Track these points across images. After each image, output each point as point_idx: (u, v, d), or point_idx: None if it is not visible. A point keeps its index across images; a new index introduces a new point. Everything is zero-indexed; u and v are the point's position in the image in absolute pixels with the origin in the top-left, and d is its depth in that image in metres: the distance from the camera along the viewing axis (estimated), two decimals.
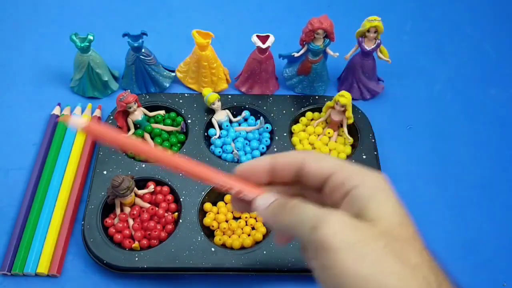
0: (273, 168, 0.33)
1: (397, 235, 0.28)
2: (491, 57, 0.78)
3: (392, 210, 0.29)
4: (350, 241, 0.27)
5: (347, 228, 0.28)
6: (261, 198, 0.33)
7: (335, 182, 0.31)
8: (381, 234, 0.28)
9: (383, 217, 0.29)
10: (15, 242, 0.55)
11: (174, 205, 0.58)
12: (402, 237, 0.28)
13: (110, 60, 0.69)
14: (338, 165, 0.31)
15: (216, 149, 0.63)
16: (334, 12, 0.63)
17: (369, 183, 0.30)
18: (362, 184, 0.30)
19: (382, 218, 0.29)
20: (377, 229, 0.28)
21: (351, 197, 0.30)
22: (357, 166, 0.31)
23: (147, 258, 0.53)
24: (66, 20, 0.79)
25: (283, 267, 0.53)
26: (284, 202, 0.31)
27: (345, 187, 0.30)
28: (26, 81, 0.71)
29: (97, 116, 0.66)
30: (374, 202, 0.29)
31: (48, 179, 0.59)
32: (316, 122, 0.65)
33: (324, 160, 0.32)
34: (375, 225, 0.28)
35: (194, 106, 0.66)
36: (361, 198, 0.30)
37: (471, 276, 0.56)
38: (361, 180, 0.30)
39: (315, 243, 0.28)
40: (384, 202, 0.29)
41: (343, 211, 0.30)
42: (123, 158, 0.61)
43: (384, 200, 0.30)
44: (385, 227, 0.28)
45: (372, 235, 0.28)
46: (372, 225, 0.28)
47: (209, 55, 0.65)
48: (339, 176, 0.31)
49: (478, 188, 0.63)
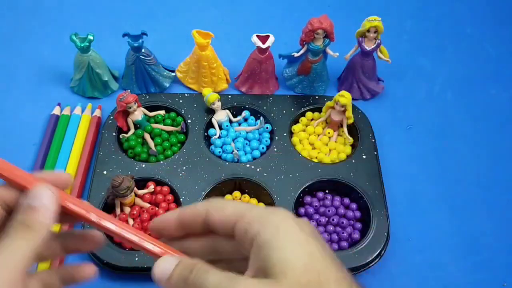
0: (181, 221, 0.32)
1: (305, 282, 0.27)
2: (491, 57, 0.78)
3: (295, 253, 0.28)
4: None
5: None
6: (159, 264, 0.31)
7: (239, 231, 0.30)
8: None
9: (288, 266, 0.27)
10: None
11: (174, 205, 0.58)
12: (311, 282, 0.27)
13: (110, 60, 0.69)
14: (239, 212, 0.30)
15: (216, 149, 0.63)
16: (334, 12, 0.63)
17: (269, 227, 0.29)
18: (263, 230, 0.28)
19: (287, 267, 0.27)
20: (284, 285, 0.27)
21: (255, 247, 0.29)
22: (261, 208, 0.30)
23: (147, 258, 0.53)
24: (66, 20, 0.79)
25: None
26: (185, 273, 0.29)
27: (248, 236, 0.29)
28: (26, 81, 0.71)
29: (97, 116, 0.66)
30: (275, 249, 0.28)
31: None
32: (316, 122, 0.65)
33: (226, 208, 0.31)
34: (280, 281, 0.27)
35: (194, 106, 0.66)
36: (263, 246, 0.28)
37: (471, 276, 0.56)
38: (261, 225, 0.29)
39: None
40: (286, 247, 0.28)
41: (252, 266, 0.29)
42: (123, 158, 0.61)
43: (285, 244, 0.28)
44: (292, 277, 0.27)
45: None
46: (277, 282, 0.27)
47: (209, 55, 0.65)
48: (242, 224, 0.30)
49: (478, 188, 0.63)
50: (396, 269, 0.56)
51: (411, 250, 0.57)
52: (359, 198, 0.58)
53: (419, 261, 0.57)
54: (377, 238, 0.55)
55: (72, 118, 0.65)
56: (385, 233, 0.55)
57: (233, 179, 0.60)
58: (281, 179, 0.59)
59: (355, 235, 0.56)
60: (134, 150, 0.62)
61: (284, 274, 0.27)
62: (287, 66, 0.70)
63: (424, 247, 0.58)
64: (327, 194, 0.60)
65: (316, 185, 0.59)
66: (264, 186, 0.58)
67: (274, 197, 0.57)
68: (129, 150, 0.62)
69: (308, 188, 0.59)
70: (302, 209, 0.58)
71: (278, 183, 0.59)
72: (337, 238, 0.56)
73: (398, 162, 0.64)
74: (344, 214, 0.58)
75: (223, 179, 0.59)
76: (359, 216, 0.58)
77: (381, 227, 0.56)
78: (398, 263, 0.56)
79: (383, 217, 0.56)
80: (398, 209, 0.60)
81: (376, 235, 0.55)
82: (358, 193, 0.58)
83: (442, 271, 0.56)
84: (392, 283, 0.55)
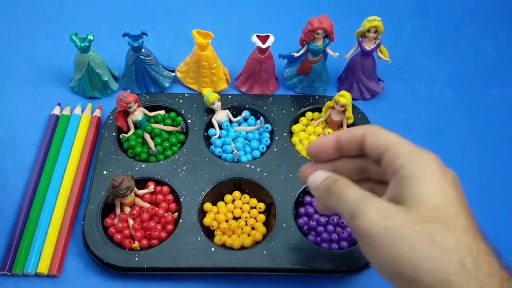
0: (338, 143, 0.37)
1: (434, 218, 0.29)
2: (491, 57, 0.78)
3: (432, 192, 0.30)
4: (384, 229, 0.29)
5: (381, 217, 0.30)
6: (313, 176, 0.37)
7: (387, 160, 0.33)
8: (416, 219, 0.29)
9: (422, 200, 0.30)
10: (15, 242, 0.55)
11: (174, 205, 0.58)
12: (439, 220, 0.29)
13: (110, 60, 0.69)
14: (392, 142, 0.33)
15: (216, 149, 0.63)
16: (334, 12, 0.63)
17: (416, 164, 0.31)
18: (409, 165, 0.31)
19: (420, 201, 0.30)
20: (413, 214, 0.29)
21: (396, 178, 0.32)
22: (411, 145, 0.33)
23: (147, 258, 0.53)
24: (66, 20, 0.79)
25: (283, 267, 0.53)
26: (330, 185, 0.34)
27: (394, 166, 0.32)
28: (26, 81, 0.71)
29: (97, 116, 0.66)
30: (415, 184, 0.30)
31: (48, 179, 0.59)
32: (316, 122, 0.65)
33: (381, 135, 0.34)
34: (411, 210, 0.30)
35: (194, 106, 0.66)
36: (405, 179, 0.31)
37: None
38: (409, 160, 0.32)
39: (354, 230, 0.31)
40: (424, 184, 0.30)
41: (389, 193, 0.32)
42: (123, 158, 0.61)
43: (425, 182, 0.30)
44: (422, 211, 0.29)
45: (407, 221, 0.29)
46: (408, 210, 0.30)
47: (209, 55, 0.65)
48: (391, 154, 0.33)
49: (478, 188, 0.63)
50: None
51: None
52: None
53: None
54: None
55: (72, 118, 0.65)
56: None
57: (233, 179, 0.60)
58: (281, 179, 0.59)
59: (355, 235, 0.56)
60: (134, 150, 0.62)
61: (415, 206, 0.30)
62: (287, 66, 0.70)
63: None
64: None
65: None
66: (264, 186, 0.58)
67: (274, 197, 0.57)
68: (129, 150, 0.62)
69: (308, 188, 0.59)
70: (302, 209, 0.58)
71: (278, 183, 0.59)
72: (337, 238, 0.56)
73: None
74: None
75: (223, 179, 0.59)
76: None
77: None
78: None
79: None
80: None
81: None
82: None
83: None
84: None
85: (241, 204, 0.59)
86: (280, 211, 0.56)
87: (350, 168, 0.38)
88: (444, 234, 0.28)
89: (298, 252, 0.54)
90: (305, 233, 0.57)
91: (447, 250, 0.28)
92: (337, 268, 0.53)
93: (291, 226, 0.55)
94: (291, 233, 0.55)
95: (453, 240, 0.28)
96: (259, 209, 0.59)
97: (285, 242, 0.54)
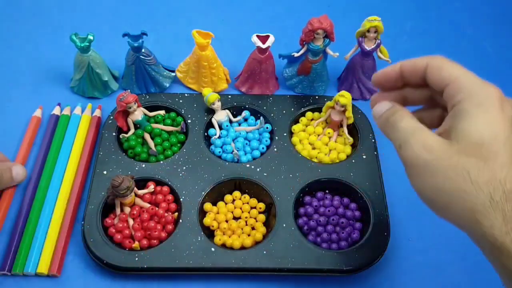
0: (402, 73, 0.38)
1: (473, 152, 0.32)
2: (491, 57, 0.78)
3: (479, 128, 0.32)
4: (424, 161, 0.33)
5: (424, 150, 0.33)
6: (377, 106, 0.39)
7: (448, 93, 0.34)
8: (456, 152, 0.32)
9: (466, 135, 0.32)
10: (15, 242, 0.55)
11: (174, 205, 0.58)
12: (478, 155, 0.31)
13: (110, 60, 0.69)
14: (454, 75, 0.34)
15: (216, 149, 0.63)
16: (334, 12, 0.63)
17: (474, 100, 0.33)
18: (467, 99, 0.33)
19: (465, 135, 0.32)
20: (455, 147, 0.32)
21: (453, 111, 0.34)
22: (473, 78, 0.34)
23: (147, 258, 0.53)
24: (66, 20, 0.79)
25: (283, 267, 0.53)
26: (389, 115, 0.37)
27: (453, 100, 0.34)
28: (26, 81, 0.71)
29: (97, 116, 0.66)
30: (467, 120, 0.33)
31: (48, 179, 0.59)
32: (316, 122, 0.65)
33: (444, 68, 0.35)
34: (453, 144, 0.33)
35: (194, 106, 0.66)
36: (459, 114, 0.33)
37: (472, 277, 0.56)
38: (468, 95, 0.33)
39: (401, 159, 0.36)
40: (477, 120, 0.32)
41: (443, 125, 0.35)
42: (123, 158, 0.61)
43: (478, 118, 0.32)
44: (464, 145, 0.32)
45: (447, 154, 0.32)
46: (451, 144, 0.33)
47: (209, 55, 0.65)
48: (452, 88, 0.34)
49: None
50: (396, 269, 0.56)
51: (411, 250, 0.57)
52: (359, 198, 0.58)
53: (419, 261, 0.57)
54: (377, 238, 0.55)
55: (72, 118, 0.65)
56: (385, 233, 0.55)
57: (233, 179, 0.60)
58: (281, 179, 0.59)
59: (355, 235, 0.56)
60: (134, 150, 0.62)
61: (458, 140, 0.33)
62: (287, 66, 0.70)
63: (424, 247, 0.58)
64: (327, 194, 0.60)
65: (316, 185, 0.59)
66: (264, 186, 0.59)
67: (274, 197, 0.58)
68: (129, 150, 0.62)
69: (308, 188, 0.59)
70: (302, 209, 0.58)
71: (278, 183, 0.59)
72: (337, 238, 0.56)
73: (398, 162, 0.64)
74: (343, 214, 0.58)
75: (223, 179, 0.59)
76: (358, 216, 0.58)
77: (381, 227, 0.56)
78: (398, 263, 0.56)
79: (383, 217, 0.56)
80: (398, 209, 0.60)
81: (376, 235, 0.55)
82: (358, 193, 0.58)
83: (442, 271, 0.56)
84: (392, 283, 0.55)
85: (241, 204, 0.59)
86: (280, 211, 0.56)
87: (419, 96, 0.39)
88: (480, 168, 0.31)
89: (298, 252, 0.54)
90: (305, 233, 0.57)
91: (478, 183, 0.31)
92: (337, 268, 0.53)
93: (291, 226, 0.55)
94: (291, 233, 0.55)
95: (487, 175, 0.31)
96: (259, 209, 0.59)
97: (285, 242, 0.54)
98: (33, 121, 0.65)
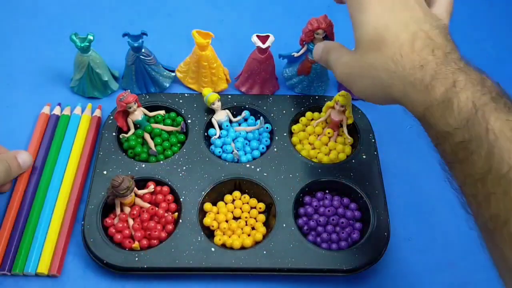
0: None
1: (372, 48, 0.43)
2: (491, 57, 0.78)
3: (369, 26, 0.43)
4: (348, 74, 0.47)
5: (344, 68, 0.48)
6: (314, 49, 0.54)
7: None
8: (360, 56, 0.44)
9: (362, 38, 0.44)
10: (15, 242, 0.55)
11: (174, 205, 0.58)
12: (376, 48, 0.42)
13: (110, 60, 0.69)
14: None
15: (216, 149, 0.63)
16: (334, 12, 0.63)
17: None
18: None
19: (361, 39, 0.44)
20: (358, 54, 0.44)
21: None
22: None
23: (147, 258, 0.53)
24: (66, 20, 0.79)
25: (283, 267, 0.53)
26: (322, 55, 0.52)
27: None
28: (26, 81, 0.71)
29: (97, 116, 0.66)
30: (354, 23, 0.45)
31: (48, 179, 0.59)
32: (316, 122, 0.65)
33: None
34: (357, 51, 0.44)
35: (194, 106, 0.66)
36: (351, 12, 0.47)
37: (472, 276, 0.56)
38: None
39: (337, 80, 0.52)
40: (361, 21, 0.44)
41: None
42: (123, 158, 0.61)
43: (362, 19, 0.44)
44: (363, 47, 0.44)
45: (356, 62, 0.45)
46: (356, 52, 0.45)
47: (209, 55, 0.65)
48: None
49: None
50: (396, 269, 0.56)
51: (411, 250, 0.57)
52: (359, 198, 0.58)
53: (419, 261, 0.57)
54: (377, 238, 0.55)
55: (72, 118, 0.65)
56: (385, 233, 0.55)
57: (233, 179, 0.60)
58: (281, 179, 0.59)
59: (355, 235, 0.56)
60: (134, 150, 0.62)
61: (359, 46, 0.44)
62: (287, 66, 0.70)
63: (425, 247, 0.58)
64: (327, 194, 0.60)
65: (316, 185, 0.59)
66: (264, 186, 0.59)
67: (274, 197, 0.58)
68: (129, 150, 0.62)
69: (308, 188, 0.59)
70: (302, 209, 0.58)
71: (278, 183, 0.59)
72: (337, 238, 0.56)
73: (398, 162, 0.64)
74: (343, 214, 0.58)
75: (223, 179, 0.59)
76: (358, 216, 0.58)
77: (381, 227, 0.56)
78: (398, 263, 0.56)
79: (383, 217, 0.56)
80: (398, 209, 0.60)
81: (376, 235, 0.55)
82: (358, 193, 0.58)
83: (442, 271, 0.56)
84: (392, 283, 0.55)
85: (241, 204, 0.59)
86: (280, 211, 0.57)
87: None
88: (377, 58, 0.41)
89: (298, 252, 0.54)
90: (305, 233, 0.57)
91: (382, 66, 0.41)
92: (337, 268, 0.53)
93: (291, 226, 0.55)
94: (291, 233, 0.55)
95: (383, 59, 0.41)
96: (259, 209, 0.59)
97: (285, 242, 0.54)
98: (42, 118, 0.65)
